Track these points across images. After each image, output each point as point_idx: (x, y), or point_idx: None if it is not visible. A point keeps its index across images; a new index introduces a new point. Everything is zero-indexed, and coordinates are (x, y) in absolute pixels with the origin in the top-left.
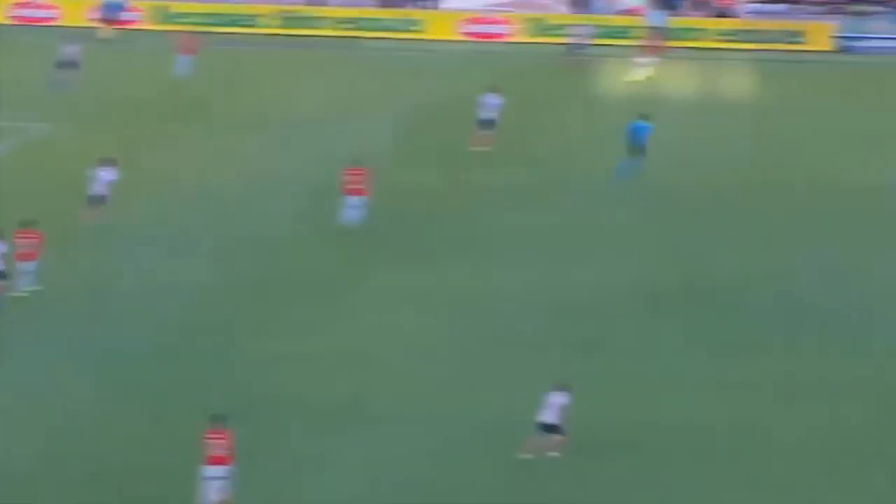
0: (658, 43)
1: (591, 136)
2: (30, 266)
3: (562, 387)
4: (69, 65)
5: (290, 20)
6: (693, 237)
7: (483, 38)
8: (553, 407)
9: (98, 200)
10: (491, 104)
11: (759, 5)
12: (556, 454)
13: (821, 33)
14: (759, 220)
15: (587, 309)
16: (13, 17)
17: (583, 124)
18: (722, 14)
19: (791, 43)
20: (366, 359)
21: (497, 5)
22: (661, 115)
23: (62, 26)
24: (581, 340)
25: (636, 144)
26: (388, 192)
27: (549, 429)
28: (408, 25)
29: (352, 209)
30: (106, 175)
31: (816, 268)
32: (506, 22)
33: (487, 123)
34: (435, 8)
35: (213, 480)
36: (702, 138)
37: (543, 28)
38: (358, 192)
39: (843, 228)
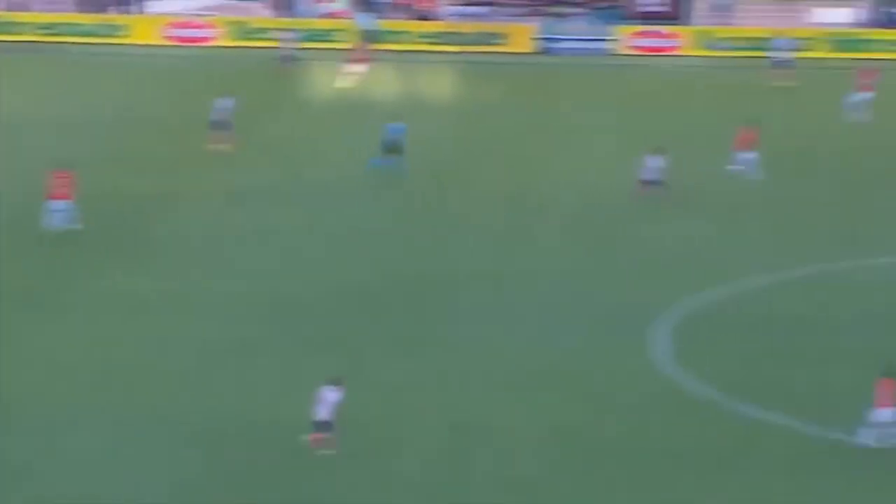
0: (368, 46)
1: (314, 138)
2: None
3: (334, 382)
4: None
5: None
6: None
7: (188, 41)
8: (325, 403)
9: None
10: (223, 107)
11: (460, 8)
12: (330, 451)
13: (522, 35)
14: (475, 220)
15: (315, 308)
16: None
17: (305, 126)
18: (424, 17)
19: (493, 45)
20: (71, 363)
21: (202, 9)
22: (373, 118)
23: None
24: (305, 339)
25: (393, 145)
26: (98, 197)
27: (322, 426)
28: (112, 30)
29: (57, 213)
30: None
31: (526, 267)
32: (210, 26)
33: (221, 125)
34: (140, 12)
35: None
36: (413, 140)
37: (247, 32)
38: (63, 196)
39: (551, 229)
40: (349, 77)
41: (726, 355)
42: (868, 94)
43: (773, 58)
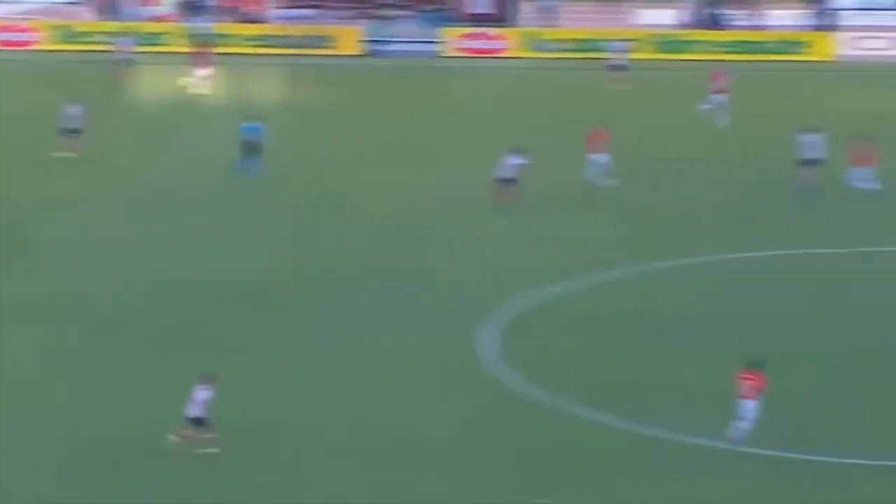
0: (204, 49)
1: (165, 142)
2: None
3: (206, 380)
4: None
5: None
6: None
7: (11, 46)
8: (198, 401)
9: None
10: (73, 113)
11: (287, 10)
12: (213, 450)
13: (349, 37)
14: (319, 223)
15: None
16: None
17: (154, 131)
18: (251, 20)
19: (322, 47)
20: None
21: (24, 13)
22: (226, 120)
23: None
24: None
25: (251, 145)
26: None
27: (197, 423)
28: None
29: None
30: None
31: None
32: (33, 29)
33: (71, 131)
34: None
35: None
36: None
37: (72, 35)
38: None
39: (390, 230)
40: (195, 81)
41: (557, 354)
42: (723, 97)
43: (609, 61)
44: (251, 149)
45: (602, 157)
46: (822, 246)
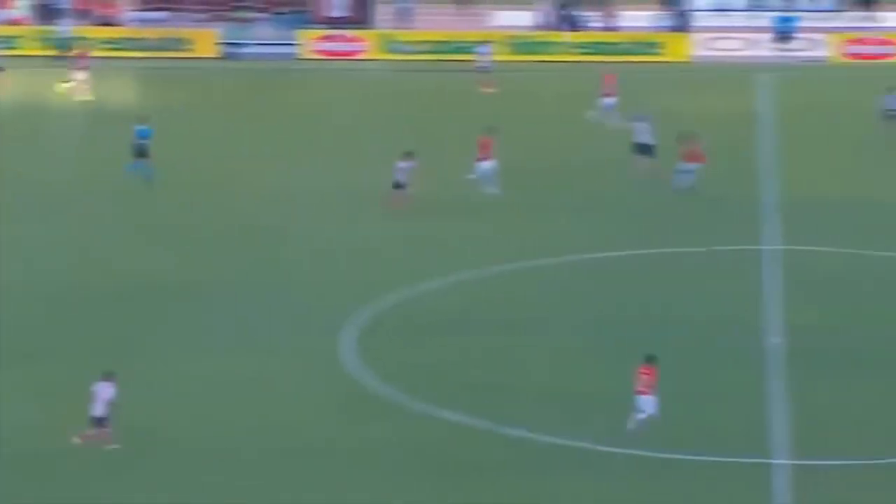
0: (79, 53)
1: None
2: None
3: (107, 377)
4: None
5: None
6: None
7: None
8: (101, 399)
9: None
10: None
11: (142, 13)
12: (115, 446)
13: (206, 40)
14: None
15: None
16: None
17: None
18: (107, 22)
19: (178, 50)
20: None
21: None
22: (59, 127)
23: None
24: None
25: (141, 147)
26: None
27: (98, 422)
28: None
29: None
30: None
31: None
32: None
33: None
34: None
35: None
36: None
37: None
38: None
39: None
40: (70, 85)
41: (417, 355)
42: (612, 100)
43: (477, 64)
44: (142, 151)
45: (489, 164)
46: (680, 245)
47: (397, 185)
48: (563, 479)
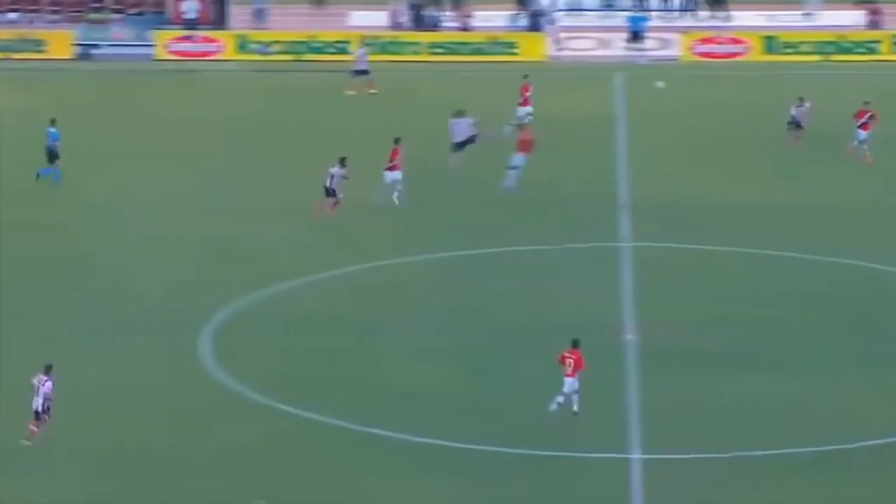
0: None
1: None
2: None
3: (47, 371)
4: None
5: None
6: None
7: None
8: (41, 393)
9: None
10: None
11: None
12: (28, 442)
13: (61, 41)
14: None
15: None
16: None
17: None
18: None
19: (33, 51)
20: None
21: None
22: None
23: None
24: None
25: (51, 150)
26: None
27: (36, 415)
28: None
29: None
30: None
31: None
32: None
33: None
34: None
35: None
36: None
37: None
38: None
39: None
40: None
41: (273, 354)
42: (528, 108)
43: (355, 66)
44: (52, 154)
45: (395, 175)
46: (534, 243)
47: (328, 192)
48: (418, 477)
